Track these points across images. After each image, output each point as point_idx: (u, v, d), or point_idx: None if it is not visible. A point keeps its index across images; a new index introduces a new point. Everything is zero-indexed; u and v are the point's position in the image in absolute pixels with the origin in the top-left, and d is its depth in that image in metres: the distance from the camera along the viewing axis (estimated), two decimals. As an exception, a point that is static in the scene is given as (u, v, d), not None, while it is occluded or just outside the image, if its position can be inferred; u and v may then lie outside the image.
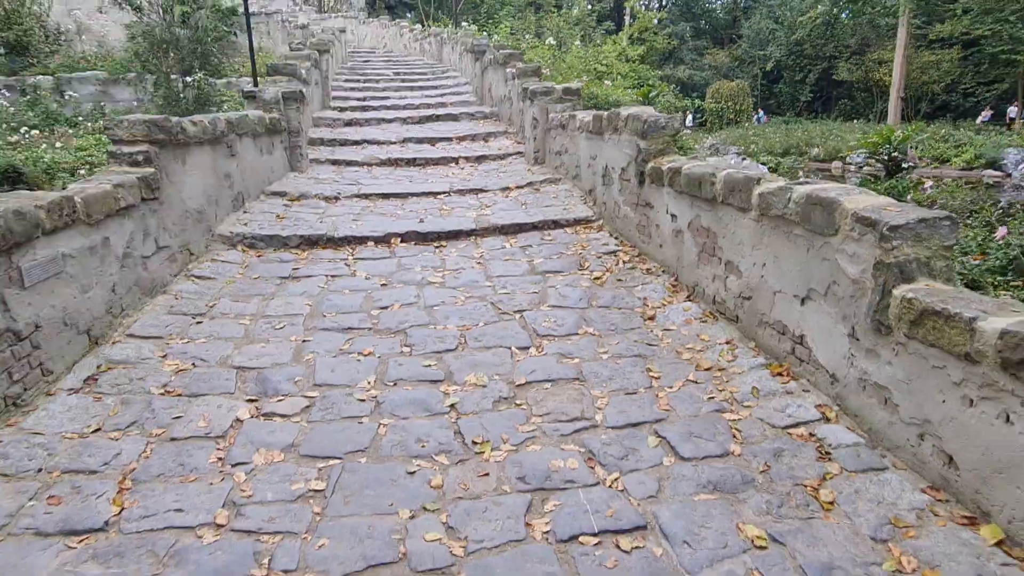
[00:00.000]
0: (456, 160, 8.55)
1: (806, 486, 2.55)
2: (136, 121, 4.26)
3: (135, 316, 4.01)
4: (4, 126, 10.42)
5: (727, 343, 3.72)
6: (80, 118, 12.12)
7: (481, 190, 7.09)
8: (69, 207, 3.36)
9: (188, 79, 11.92)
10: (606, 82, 10.87)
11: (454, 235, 5.70)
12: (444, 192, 6.99)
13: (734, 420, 3.01)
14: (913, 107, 27.94)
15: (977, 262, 3.44)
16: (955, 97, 28.16)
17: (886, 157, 7.57)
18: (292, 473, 2.71)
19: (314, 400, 3.25)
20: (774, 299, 3.47)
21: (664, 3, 44.37)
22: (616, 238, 5.57)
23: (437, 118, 10.85)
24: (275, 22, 20.49)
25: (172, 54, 13.25)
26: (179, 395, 3.26)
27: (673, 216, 4.57)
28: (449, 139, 9.56)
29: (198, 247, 5.05)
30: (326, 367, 3.56)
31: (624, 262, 5.05)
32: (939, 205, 6.27)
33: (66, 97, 13.84)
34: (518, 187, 7.15)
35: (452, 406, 3.20)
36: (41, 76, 14.11)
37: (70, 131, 10.67)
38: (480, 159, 8.63)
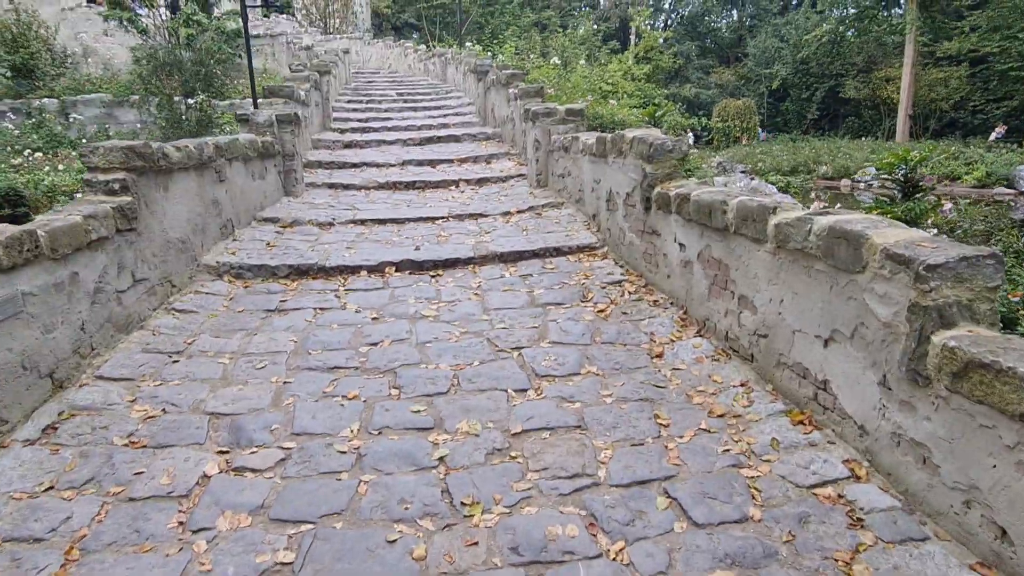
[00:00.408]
0: (456, 183, 8.33)
1: (837, 560, 2.25)
2: (112, 147, 4.03)
3: (106, 355, 3.76)
4: (8, 149, 10.35)
5: (742, 385, 3.42)
6: (84, 140, 12.07)
7: (481, 215, 6.84)
8: (31, 242, 3.12)
9: (191, 101, 11.84)
10: (611, 101, 10.66)
11: (451, 263, 5.44)
12: (443, 217, 6.75)
13: (752, 478, 2.71)
14: (922, 125, 27.65)
15: (1016, 299, 3.15)
16: (963, 114, 27.81)
17: (901, 178, 7.27)
18: (259, 541, 2.42)
19: (290, 452, 2.97)
20: (793, 339, 3.18)
21: (669, 22, 44.48)
22: (621, 267, 5.29)
23: (439, 139, 10.69)
24: (280, 44, 20.52)
25: (176, 76, 13.21)
26: (144, 446, 2.99)
27: (682, 245, 4.29)
28: (450, 161, 9.36)
29: (181, 279, 4.80)
30: (307, 413, 3.28)
31: (630, 293, 4.77)
32: (961, 230, 5.97)
33: (71, 119, 13.82)
34: (519, 212, 6.90)
35: (441, 459, 2.91)
36: (47, 99, 14.14)
37: (73, 153, 10.58)
38: (481, 182, 8.41)
